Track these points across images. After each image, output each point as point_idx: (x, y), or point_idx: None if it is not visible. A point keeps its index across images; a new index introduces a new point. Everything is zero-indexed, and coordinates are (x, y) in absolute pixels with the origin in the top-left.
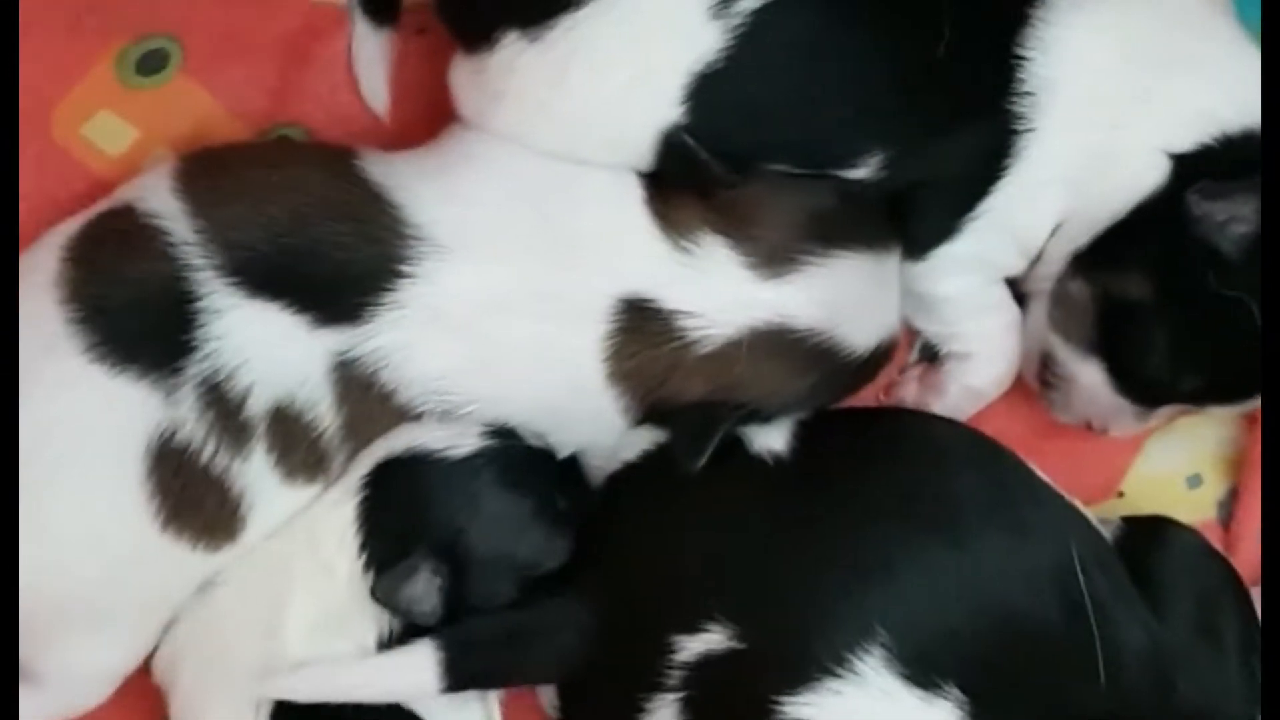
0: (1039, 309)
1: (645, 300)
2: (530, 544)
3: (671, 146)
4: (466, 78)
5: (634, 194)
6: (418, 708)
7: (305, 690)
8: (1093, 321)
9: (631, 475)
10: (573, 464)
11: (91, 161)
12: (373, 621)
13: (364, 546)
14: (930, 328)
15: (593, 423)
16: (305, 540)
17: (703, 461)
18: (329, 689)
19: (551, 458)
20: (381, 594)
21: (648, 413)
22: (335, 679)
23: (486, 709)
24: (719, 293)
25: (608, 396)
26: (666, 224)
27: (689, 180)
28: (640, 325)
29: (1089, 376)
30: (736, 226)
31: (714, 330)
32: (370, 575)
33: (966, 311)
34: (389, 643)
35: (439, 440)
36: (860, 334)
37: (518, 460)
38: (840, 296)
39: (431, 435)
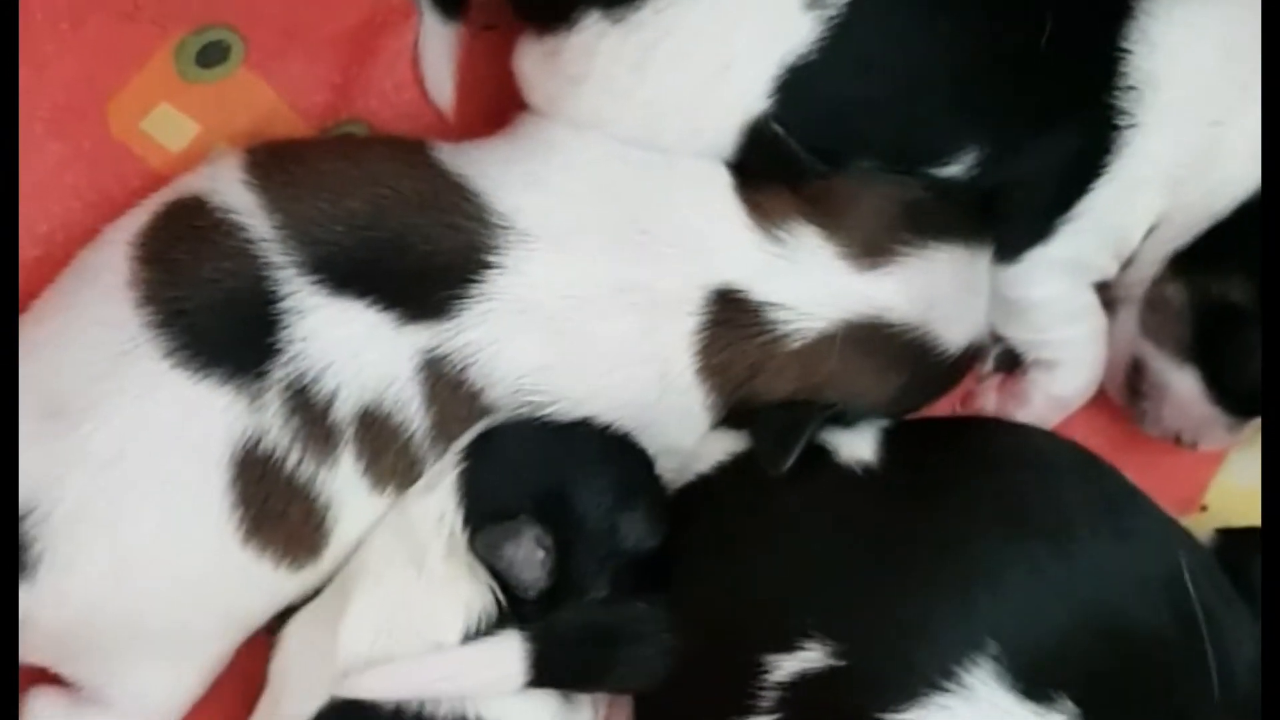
0: (1128, 316)
1: (737, 291)
2: (631, 520)
3: (759, 137)
4: (538, 61)
5: (723, 181)
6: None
7: (383, 687)
8: (1189, 327)
9: (706, 488)
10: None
11: (151, 157)
12: (461, 612)
13: (468, 518)
14: (1017, 334)
15: (680, 420)
16: (393, 533)
17: (790, 463)
18: (408, 684)
19: (641, 445)
20: (483, 548)
21: (732, 411)
22: (415, 673)
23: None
24: (812, 284)
25: (697, 392)
26: (758, 213)
27: (775, 171)
28: (731, 318)
29: (1183, 386)
30: (830, 216)
31: (806, 323)
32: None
33: (1056, 318)
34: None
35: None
36: (954, 331)
37: (620, 434)
38: (936, 291)
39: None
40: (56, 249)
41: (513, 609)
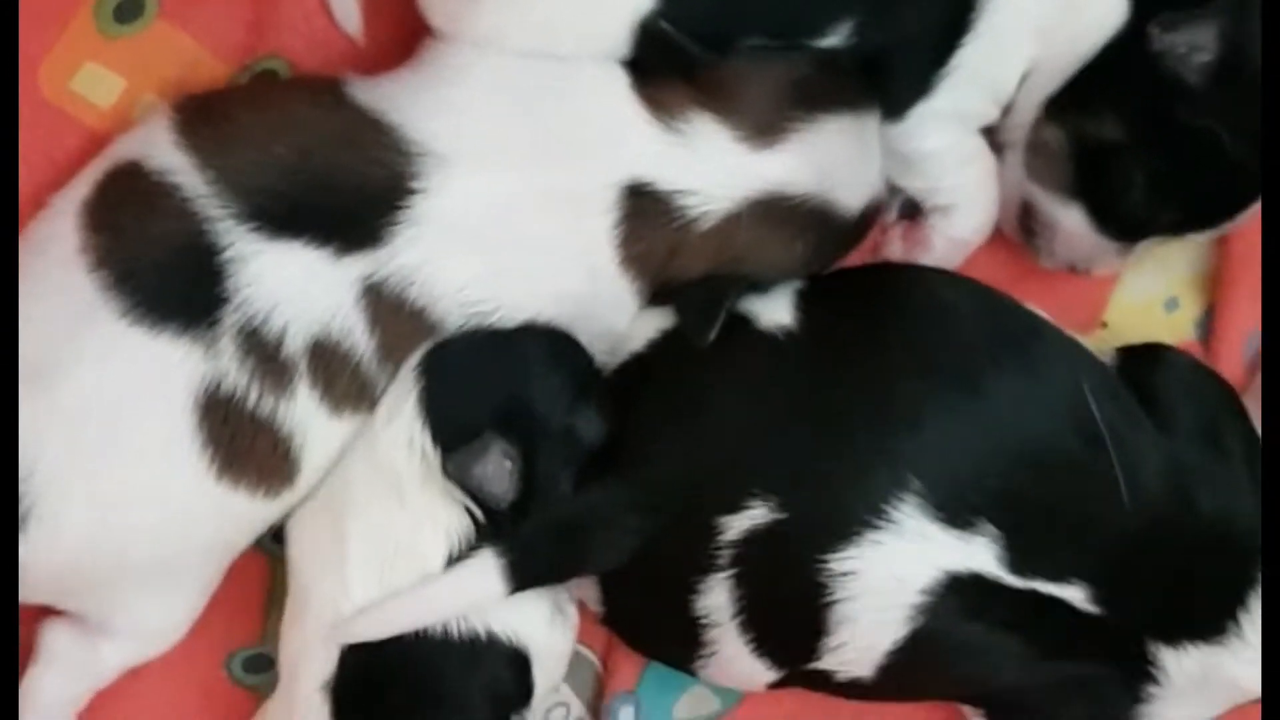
0: (1015, 159)
1: (646, 184)
2: (586, 417)
3: (649, 34)
4: None
5: (621, 82)
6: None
7: (378, 627)
8: (1070, 166)
9: (641, 366)
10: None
11: (84, 116)
12: (442, 537)
13: (436, 437)
14: (913, 184)
15: (612, 308)
16: (365, 468)
17: (713, 335)
18: (401, 620)
19: (582, 344)
20: (454, 470)
21: (659, 290)
22: (405, 608)
23: (558, 603)
24: (714, 168)
25: (623, 281)
26: (656, 107)
27: (670, 65)
28: (644, 209)
29: (1070, 221)
30: (723, 102)
31: (713, 205)
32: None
33: (948, 165)
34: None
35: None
36: (851, 194)
37: (559, 334)
38: (829, 159)
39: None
40: None
41: (489, 521)
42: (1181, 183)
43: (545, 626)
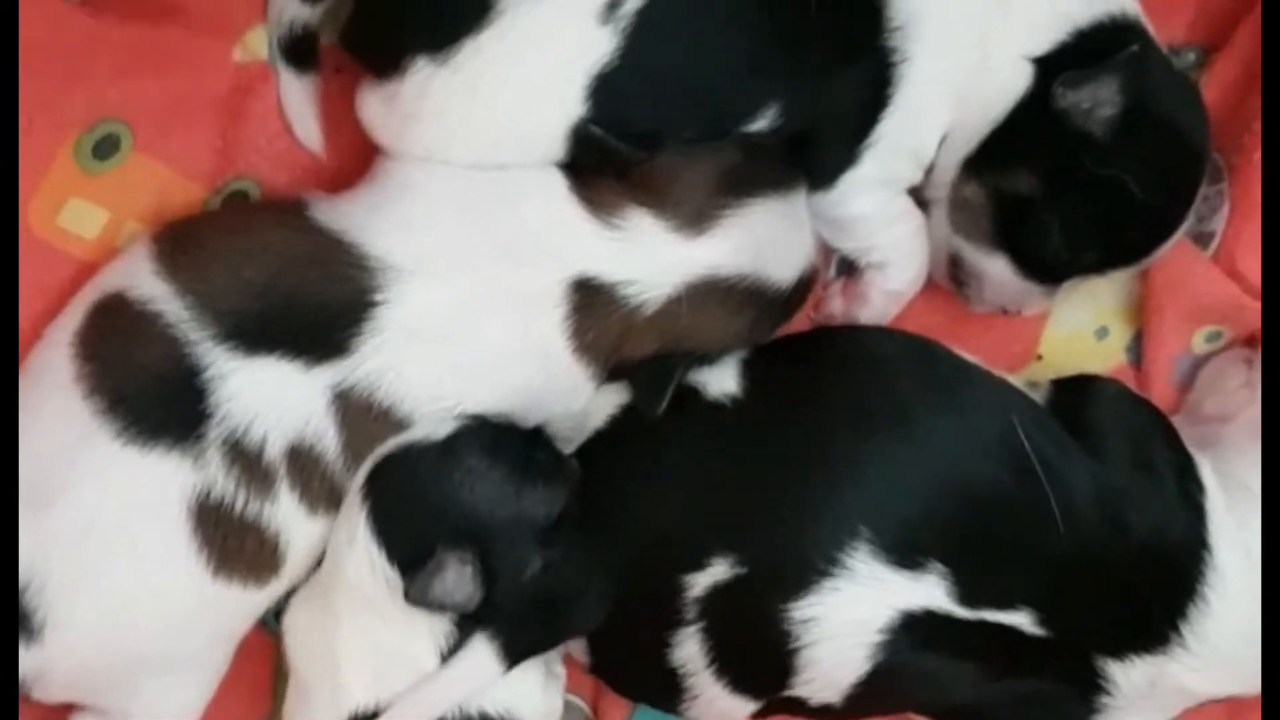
0: (940, 215)
1: (591, 278)
2: (532, 496)
3: (583, 139)
4: (379, 105)
5: (560, 186)
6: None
7: None
8: (990, 220)
9: (603, 440)
10: (537, 430)
11: (72, 248)
12: (429, 640)
13: (392, 557)
14: (847, 245)
15: (569, 393)
16: (343, 588)
17: (663, 408)
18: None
19: (515, 425)
20: (417, 597)
21: (611, 373)
22: (414, 708)
23: (549, 665)
24: (652, 259)
25: (578, 368)
26: (594, 207)
27: (604, 165)
28: (591, 301)
29: (996, 270)
30: (655, 196)
31: (654, 292)
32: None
33: (878, 226)
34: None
35: (416, 433)
36: (783, 269)
37: (490, 430)
38: (760, 239)
39: (407, 434)
40: None
41: (468, 615)
42: (1096, 228)
43: (540, 694)
